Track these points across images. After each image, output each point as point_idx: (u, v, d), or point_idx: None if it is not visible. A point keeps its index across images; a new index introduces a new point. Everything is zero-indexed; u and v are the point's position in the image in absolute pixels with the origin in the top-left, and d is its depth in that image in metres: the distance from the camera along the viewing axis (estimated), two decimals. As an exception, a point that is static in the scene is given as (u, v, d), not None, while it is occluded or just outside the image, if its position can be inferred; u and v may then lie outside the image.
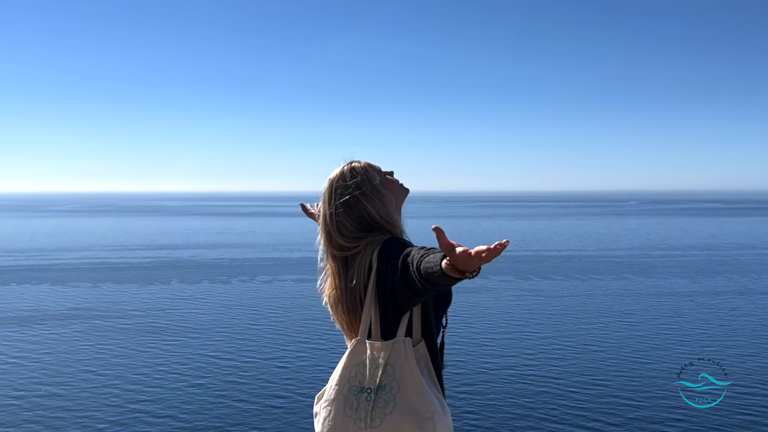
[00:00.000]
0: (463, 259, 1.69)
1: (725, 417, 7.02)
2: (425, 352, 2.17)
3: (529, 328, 11.49)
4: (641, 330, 11.32)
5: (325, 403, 2.16)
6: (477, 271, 1.73)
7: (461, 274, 1.73)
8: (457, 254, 1.69)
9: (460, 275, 1.74)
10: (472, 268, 1.71)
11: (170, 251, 26.21)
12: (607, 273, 18.83)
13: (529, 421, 6.99)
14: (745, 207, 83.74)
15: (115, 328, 11.66)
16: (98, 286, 16.62)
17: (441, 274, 1.79)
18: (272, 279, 17.96)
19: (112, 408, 7.48)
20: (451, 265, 1.75)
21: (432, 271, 1.84)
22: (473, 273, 1.73)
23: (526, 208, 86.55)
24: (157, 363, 9.32)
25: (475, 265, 1.69)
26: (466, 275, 1.74)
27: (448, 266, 1.75)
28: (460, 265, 1.71)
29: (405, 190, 2.39)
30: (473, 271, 1.73)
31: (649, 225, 44.10)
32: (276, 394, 7.89)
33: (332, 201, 2.28)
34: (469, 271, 1.72)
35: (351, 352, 2.18)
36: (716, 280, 17.42)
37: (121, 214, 68.00)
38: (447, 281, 1.80)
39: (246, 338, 10.82)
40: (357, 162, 2.36)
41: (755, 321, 12.08)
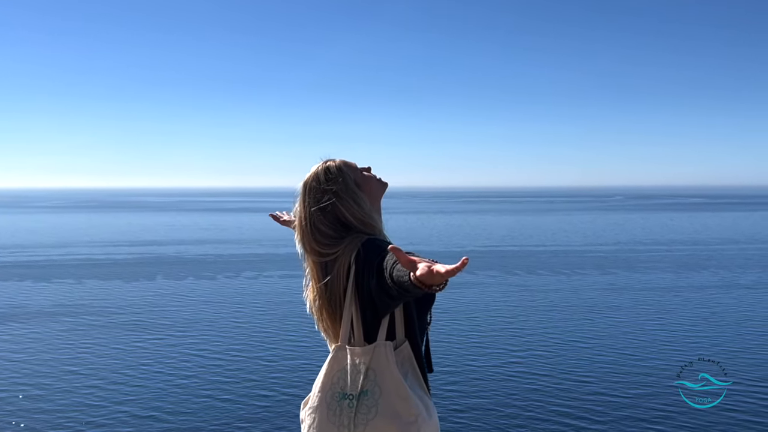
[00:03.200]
0: (426, 276, 1.69)
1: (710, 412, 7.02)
2: (409, 352, 2.14)
3: (515, 324, 11.47)
4: (627, 325, 11.34)
5: (310, 410, 2.16)
6: (443, 285, 1.74)
7: (428, 288, 1.74)
8: (418, 274, 1.71)
9: (426, 288, 1.75)
10: (437, 283, 1.72)
11: (155, 247, 26.00)
12: (592, 268, 18.88)
13: (519, 420, 6.96)
14: (729, 202, 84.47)
15: (99, 325, 11.52)
16: (82, 283, 16.43)
17: (410, 284, 1.79)
18: (258, 275, 17.85)
19: (93, 408, 7.36)
20: (417, 278, 1.75)
21: (403, 280, 1.83)
22: (439, 287, 1.74)
23: (513, 203, 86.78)
24: (140, 361, 9.20)
25: (438, 281, 1.70)
26: (432, 288, 1.74)
27: (415, 279, 1.76)
28: (424, 281, 1.72)
29: (383, 185, 2.36)
30: (439, 285, 1.73)
31: (634, 220, 44.34)
32: (262, 393, 7.81)
33: (308, 205, 2.25)
34: (435, 285, 1.73)
35: (332, 358, 2.17)
36: (700, 274, 17.51)
37: (104, 209, 67.44)
38: (417, 291, 1.81)
39: (231, 335, 10.72)
40: (332, 161, 2.31)
41: (739, 315, 12.14)
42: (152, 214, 57.64)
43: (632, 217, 47.61)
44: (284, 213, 2.61)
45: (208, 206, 77.02)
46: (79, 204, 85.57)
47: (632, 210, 61.66)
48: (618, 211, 58.69)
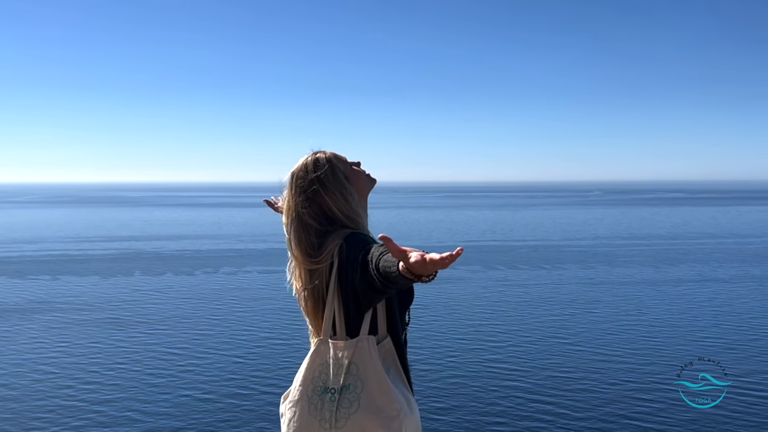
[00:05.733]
0: (418, 266, 1.67)
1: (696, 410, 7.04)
2: (391, 348, 2.14)
3: (495, 319, 11.45)
4: (606, 319, 11.36)
5: (290, 404, 2.14)
6: (433, 275, 1.71)
7: (417, 278, 1.72)
8: (411, 262, 1.67)
9: (416, 279, 1.72)
10: (428, 273, 1.69)
11: (132, 243, 25.66)
12: (572, 262, 18.95)
13: (501, 417, 6.92)
14: (707, 197, 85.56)
15: (75, 321, 11.30)
16: (57, 279, 16.14)
17: (398, 275, 1.76)
18: (237, 271, 17.67)
19: (67, 409, 7.18)
20: (406, 269, 1.72)
21: (390, 271, 1.80)
22: (429, 277, 1.72)
23: (493, 198, 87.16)
24: (116, 360, 9.03)
25: (430, 270, 1.67)
26: (422, 279, 1.72)
27: (405, 269, 1.73)
28: (415, 271, 1.69)
29: (372, 181, 2.35)
30: (429, 276, 1.71)
31: (613, 215, 44.69)
32: (241, 389, 7.68)
33: (294, 194, 2.24)
34: (425, 275, 1.70)
35: (314, 351, 2.15)
36: (679, 268, 17.65)
37: (80, 204, 66.58)
38: (405, 282, 1.78)
39: (210, 332, 10.57)
40: (322, 153, 2.30)
41: (716, 308, 12.22)
42: (128, 209, 57.01)
43: (611, 212, 47.98)
44: (279, 199, 2.56)
45: (183, 201, 76.33)
46: (54, 199, 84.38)
47: (611, 205, 62.17)
48: (597, 206, 59.14)
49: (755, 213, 46.60)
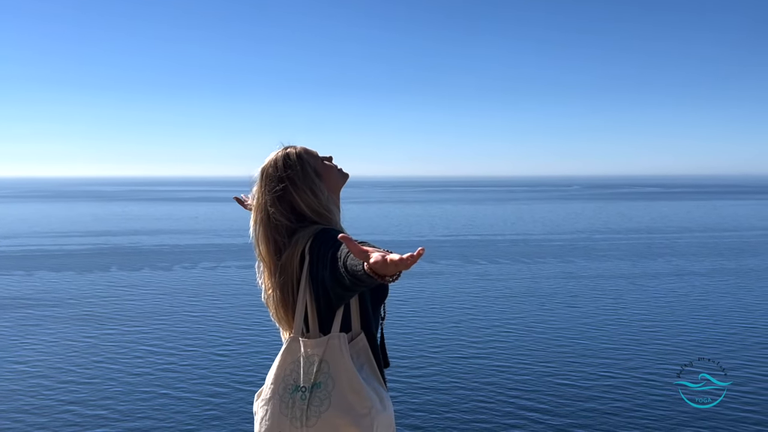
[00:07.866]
0: (379, 266, 1.65)
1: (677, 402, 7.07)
2: (365, 344, 2.12)
3: (474, 313, 11.45)
4: (585, 313, 11.41)
5: (262, 402, 2.13)
6: (397, 275, 1.69)
7: (380, 278, 1.70)
8: (372, 262, 1.66)
9: (380, 279, 1.70)
10: (390, 274, 1.67)
11: (108, 237, 25.34)
12: (551, 256, 19.03)
13: (478, 413, 6.90)
14: (684, 191, 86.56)
15: (49, 318, 11.10)
16: (31, 274, 15.87)
17: (364, 273, 1.73)
18: (215, 266, 17.51)
19: (42, 408, 7.04)
20: (370, 268, 1.69)
21: (357, 270, 1.78)
22: (393, 277, 1.70)
23: (473, 192, 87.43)
24: (92, 354, 8.88)
25: (392, 271, 1.65)
26: (385, 279, 1.70)
27: (368, 269, 1.70)
28: (377, 271, 1.67)
29: (344, 176, 2.31)
30: (392, 276, 1.69)
31: (592, 209, 45.03)
32: (217, 386, 7.59)
33: (264, 192, 2.21)
34: (387, 275, 1.68)
35: (285, 349, 2.13)
36: (656, 262, 17.80)
37: (54, 199, 65.63)
38: (371, 281, 1.75)
39: (186, 328, 10.44)
40: (292, 148, 2.26)
41: (693, 301, 12.34)
42: (102, 203, 56.34)
43: (590, 206, 48.34)
44: (249, 197, 2.51)
45: (160, 195, 75.61)
46: (27, 194, 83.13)
47: (590, 199, 62.66)
48: (576, 200, 59.57)
49: (729, 207, 47.21)
